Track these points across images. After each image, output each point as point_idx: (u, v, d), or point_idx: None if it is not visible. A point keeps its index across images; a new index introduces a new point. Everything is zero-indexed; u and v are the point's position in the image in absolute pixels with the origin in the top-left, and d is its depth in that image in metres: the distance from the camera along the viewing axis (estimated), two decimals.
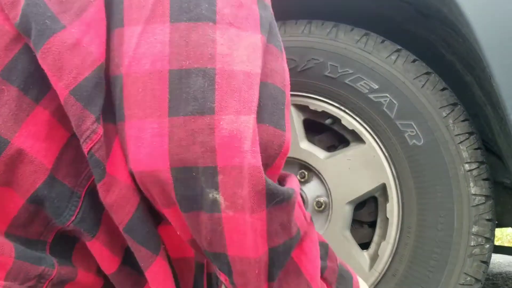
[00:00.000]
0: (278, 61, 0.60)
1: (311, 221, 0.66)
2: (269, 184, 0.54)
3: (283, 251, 0.59)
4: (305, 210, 0.65)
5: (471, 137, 1.14)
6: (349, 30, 1.23)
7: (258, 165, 0.53)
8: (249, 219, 0.54)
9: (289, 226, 0.59)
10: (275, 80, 0.59)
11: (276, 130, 0.56)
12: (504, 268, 2.69)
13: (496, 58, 0.96)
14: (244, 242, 0.55)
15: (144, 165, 0.53)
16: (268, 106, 0.57)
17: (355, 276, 0.75)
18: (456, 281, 1.13)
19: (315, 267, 0.65)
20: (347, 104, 1.23)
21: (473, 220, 1.12)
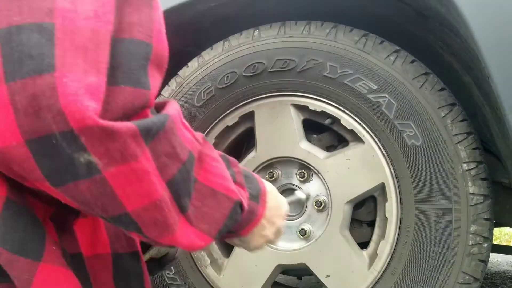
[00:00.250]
0: (143, 11, 0.53)
1: (204, 140, 0.63)
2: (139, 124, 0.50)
3: (182, 179, 0.56)
4: (194, 131, 0.61)
5: (470, 137, 1.15)
6: (348, 30, 1.24)
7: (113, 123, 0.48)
8: (135, 165, 0.50)
9: (176, 153, 0.55)
10: (134, 34, 0.52)
11: (135, 90, 0.50)
12: (503, 267, 2.69)
13: (494, 59, 0.97)
14: (140, 191, 0.52)
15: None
16: (123, 65, 0.50)
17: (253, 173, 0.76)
18: (454, 280, 1.14)
19: (226, 179, 0.64)
20: (346, 104, 1.23)
21: (471, 219, 1.13)
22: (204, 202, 0.60)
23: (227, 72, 1.32)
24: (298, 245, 1.31)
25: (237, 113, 1.34)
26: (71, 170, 0.48)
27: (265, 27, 1.31)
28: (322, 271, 1.27)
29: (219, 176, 0.63)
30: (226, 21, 1.39)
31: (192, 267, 1.38)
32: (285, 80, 1.28)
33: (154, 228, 0.55)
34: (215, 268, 1.38)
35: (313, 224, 1.30)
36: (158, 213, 0.54)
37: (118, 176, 0.49)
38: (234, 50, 1.31)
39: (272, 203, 0.76)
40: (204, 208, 0.60)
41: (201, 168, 0.61)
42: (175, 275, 1.39)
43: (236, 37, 1.33)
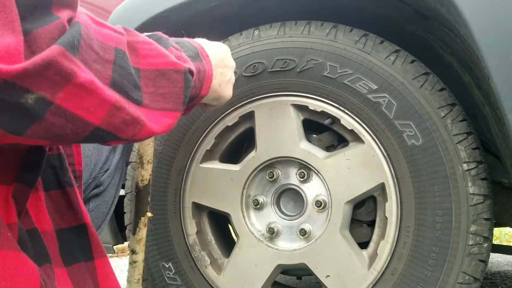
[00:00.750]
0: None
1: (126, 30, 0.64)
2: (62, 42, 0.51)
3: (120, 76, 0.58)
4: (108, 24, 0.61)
5: (470, 137, 1.15)
6: (348, 30, 1.24)
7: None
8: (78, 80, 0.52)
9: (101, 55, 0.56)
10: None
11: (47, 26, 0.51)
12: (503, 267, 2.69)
13: (494, 59, 0.97)
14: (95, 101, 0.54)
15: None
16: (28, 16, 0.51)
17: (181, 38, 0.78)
18: (454, 280, 1.14)
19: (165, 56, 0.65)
20: (346, 104, 1.23)
21: (471, 219, 1.13)
22: (157, 85, 0.63)
23: None
24: (298, 245, 1.31)
25: (237, 113, 1.34)
26: (26, 115, 0.49)
27: (265, 27, 1.31)
28: (322, 271, 1.27)
29: (158, 55, 0.64)
30: (226, 21, 1.39)
31: (192, 267, 1.38)
32: (285, 80, 1.28)
33: (127, 127, 0.58)
34: (215, 268, 1.38)
35: (313, 224, 1.30)
36: (123, 113, 0.57)
37: (69, 98, 0.51)
38: (234, 50, 1.31)
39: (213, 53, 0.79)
40: (160, 90, 0.63)
41: (137, 56, 0.62)
42: (175, 275, 1.39)
43: (236, 37, 1.33)
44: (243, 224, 1.35)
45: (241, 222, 1.35)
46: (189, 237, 1.39)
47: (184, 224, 1.39)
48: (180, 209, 1.39)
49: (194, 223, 1.39)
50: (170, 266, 1.40)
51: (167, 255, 1.40)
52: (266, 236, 1.34)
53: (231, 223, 1.38)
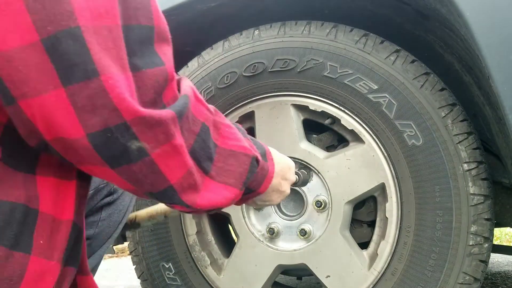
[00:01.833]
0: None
1: (216, 111, 0.74)
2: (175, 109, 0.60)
3: (200, 147, 0.67)
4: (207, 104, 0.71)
5: (470, 137, 1.15)
6: (348, 30, 1.23)
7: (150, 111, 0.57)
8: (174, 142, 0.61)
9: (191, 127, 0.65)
10: (140, 19, 0.58)
11: (154, 70, 0.59)
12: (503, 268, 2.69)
13: (495, 59, 0.97)
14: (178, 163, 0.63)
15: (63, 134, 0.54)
16: (137, 51, 0.58)
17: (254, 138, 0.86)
18: (455, 280, 1.14)
19: (241, 141, 0.75)
20: (346, 104, 1.23)
21: (472, 219, 1.13)
22: (226, 162, 0.72)
23: (227, 72, 1.32)
24: (298, 245, 1.30)
25: (237, 113, 1.34)
26: (125, 156, 0.57)
27: (265, 27, 1.31)
28: (322, 271, 1.27)
29: (235, 139, 0.74)
30: (226, 21, 1.39)
31: (192, 267, 1.38)
32: (285, 80, 1.28)
33: (189, 189, 0.66)
34: (215, 269, 1.38)
35: (313, 224, 1.30)
36: (192, 178, 0.66)
37: (162, 155, 0.60)
38: (234, 50, 1.31)
39: (280, 161, 0.88)
40: (227, 167, 0.72)
41: (218, 135, 0.72)
42: (175, 276, 1.39)
43: (236, 37, 1.33)
44: (243, 224, 1.35)
45: (241, 222, 1.35)
46: (189, 237, 1.39)
47: (184, 224, 1.39)
48: None
49: (194, 223, 1.39)
50: (170, 266, 1.40)
51: (167, 256, 1.40)
52: (266, 236, 1.34)
53: (231, 223, 1.38)
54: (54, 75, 0.52)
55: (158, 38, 0.61)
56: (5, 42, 0.51)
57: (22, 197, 0.59)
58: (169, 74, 0.61)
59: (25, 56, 0.51)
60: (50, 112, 0.53)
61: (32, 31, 0.51)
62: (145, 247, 1.41)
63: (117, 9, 0.55)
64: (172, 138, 0.60)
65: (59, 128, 0.54)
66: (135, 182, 0.61)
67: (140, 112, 0.55)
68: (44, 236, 0.61)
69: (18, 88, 0.52)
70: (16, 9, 0.50)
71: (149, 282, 1.42)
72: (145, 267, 1.42)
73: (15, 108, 0.54)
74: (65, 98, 0.52)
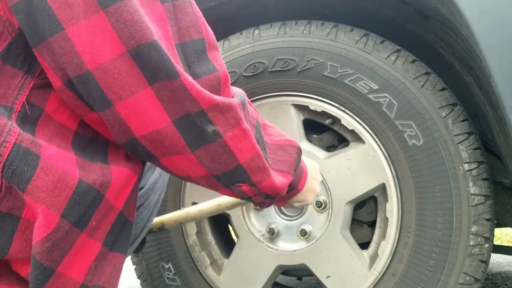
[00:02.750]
0: (188, 11, 0.69)
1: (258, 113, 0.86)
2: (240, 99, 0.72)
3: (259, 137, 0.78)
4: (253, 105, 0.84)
5: (471, 137, 1.15)
6: (348, 30, 1.23)
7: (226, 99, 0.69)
8: (243, 126, 0.71)
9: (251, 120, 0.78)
10: (192, 34, 0.69)
11: (210, 76, 0.69)
12: (504, 268, 2.69)
13: (495, 58, 0.97)
14: (247, 145, 0.73)
15: (152, 127, 0.66)
16: (195, 63, 0.69)
17: None
18: (455, 281, 1.13)
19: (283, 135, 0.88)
20: (346, 104, 1.23)
21: (472, 219, 1.12)
22: (277, 155, 0.83)
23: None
24: (299, 245, 1.30)
25: None
26: (203, 138, 0.68)
27: (265, 27, 1.31)
28: (322, 271, 1.27)
29: (279, 135, 0.86)
30: (226, 21, 1.39)
31: (192, 267, 1.38)
32: (286, 80, 1.27)
33: (258, 173, 0.75)
34: (215, 269, 1.38)
35: (313, 225, 1.30)
36: (260, 160, 0.75)
37: (233, 137, 0.70)
38: (234, 50, 1.31)
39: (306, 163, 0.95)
40: (279, 158, 0.83)
41: (265, 133, 0.83)
42: (175, 276, 1.39)
43: (236, 36, 1.33)
44: (243, 224, 1.34)
45: (241, 223, 1.35)
46: (189, 237, 1.39)
47: (184, 224, 1.39)
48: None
49: (194, 223, 1.39)
50: (170, 266, 1.39)
51: (167, 256, 1.39)
52: (266, 236, 1.33)
53: (231, 224, 1.38)
54: (142, 78, 0.63)
55: (209, 47, 0.71)
56: (101, 56, 0.61)
57: (98, 181, 0.67)
58: (222, 78, 0.71)
59: (118, 65, 0.62)
60: (141, 108, 0.64)
61: (120, 45, 0.61)
62: (145, 247, 1.41)
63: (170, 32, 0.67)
64: (241, 123, 0.71)
65: (149, 121, 0.65)
66: (210, 162, 0.71)
67: (215, 99, 0.67)
68: (98, 218, 0.68)
69: (115, 93, 0.63)
70: (103, 28, 0.61)
71: (149, 282, 1.42)
72: (145, 267, 1.42)
73: (111, 111, 0.64)
74: (152, 94, 0.64)
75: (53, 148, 0.65)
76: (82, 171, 0.66)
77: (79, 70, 0.62)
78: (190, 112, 0.66)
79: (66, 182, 0.64)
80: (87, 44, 0.61)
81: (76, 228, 0.65)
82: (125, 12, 0.61)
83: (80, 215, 0.65)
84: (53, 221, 0.63)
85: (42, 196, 0.62)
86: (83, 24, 0.61)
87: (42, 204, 0.62)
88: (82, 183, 0.65)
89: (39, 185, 0.62)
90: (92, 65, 0.61)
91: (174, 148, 0.68)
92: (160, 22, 0.66)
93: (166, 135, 0.67)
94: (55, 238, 0.63)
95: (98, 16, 0.61)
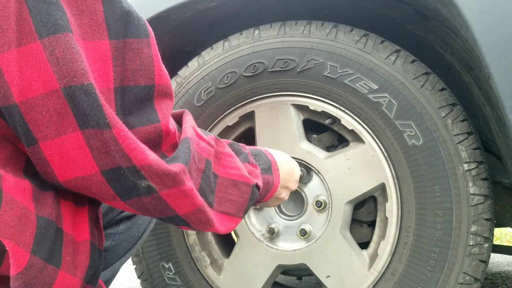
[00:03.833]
0: (142, 52, 0.62)
1: (216, 141, 0.78)
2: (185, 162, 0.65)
3: (205, 183, 0.72)
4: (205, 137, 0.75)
5: (470, 137, 1.15)
6: (348, 30, 1.23)
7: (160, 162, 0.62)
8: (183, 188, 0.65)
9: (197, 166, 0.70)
10: (138, 80, 0.62)
11: (148, 127, 0.63)
12: (503, 268, 2.69)
13: (495, 59, 0.97)
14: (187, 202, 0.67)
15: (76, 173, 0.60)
16: (133, 112, 0.62)
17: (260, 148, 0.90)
18: (455, 280, 1.14)
19: (241, 169, 0.79)
20: (346, 104, 1.23)
21: (472, 219, 1.12)
22: (227, 192, 0.76)
23: (227, 72, 1.32)
24: (298, 245, 1.30)
25: (237, 113, 1.34)
26: (135, 190, 0.62)
27: (265, 27, 1.31)
28: (322, 271, 1.27)
29: (235, 168, 0.78)
30: (226, 21, 1.39)
31: (192, 267, 1.38)
32: (285, 80, 1.28)
33: (199, 224, 0.71)
34: (215, 269, 1.38)
35: (313, 224, 1.30)
36: (202, 215, 0.70)
37: (170, 195, 0.65)
38: (234, 50, 1.31)
39: (284, 170, 0.91)
40: (229, 197, 0.76)
41: (219, 165, 0.76)
42: (175, 276, 1.39)
43: (236, 37, 1.33)
44: (243, 224, 1.35)
45: (241, 222, 1.35)
46: (189, 237, 1.39)
47: None
48: None
49: None
50: (170, 266, 1.39)
51: (167, 255, 1.40)
52: (266, 236, 1.33)
53: None
54: (72, 119, 0.57)
55: (158, 94, 0.65)
56: (31, 90, 0.56)
57: (53, 214, 0.63)
58: (163, 130, 0.65)
59: (48, 102, 0.56)
60: (67, 151, 0.58)
61: (53, 80, 0.56)
62: (145, 247, 1.41)
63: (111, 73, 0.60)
64: (181, 185, 0.64)
65: (75, 166, 0.59)
66: (145, 211, 0.67)
67: (149, 160, 0.60)
68: (70, 253, 0.64)
69: (40, 131, 0.58)
70: (38, 60, 0.55)
71: (149, 282, 1.42)
72: (145, 267, 1.42)
73: (35, 149, 0.59)
74: (81, 139, 0.58)
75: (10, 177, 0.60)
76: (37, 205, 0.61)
77: (6, 101, 0.57)
78: (122, 166, 0.60)
79: (27, 216, 0.59)
80: (17, 74, 0.56)
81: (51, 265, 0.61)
82: (57, 48, 0.55)
83: (50, 250, 0.61)
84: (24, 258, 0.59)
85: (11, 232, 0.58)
86: (14, 52, 0.56)
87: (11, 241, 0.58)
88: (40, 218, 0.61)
89: (7, 220, 0.58)
90: (20, 98, 0.56)
91: (103, 196, 0.63)
92: (101, 61, 0.60)
93: (93, 183, 0.61)
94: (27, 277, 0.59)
95: (34, 46, 0.56)
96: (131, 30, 0.62)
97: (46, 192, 0.63)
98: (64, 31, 0.56)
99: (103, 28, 0.60)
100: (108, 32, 0.60)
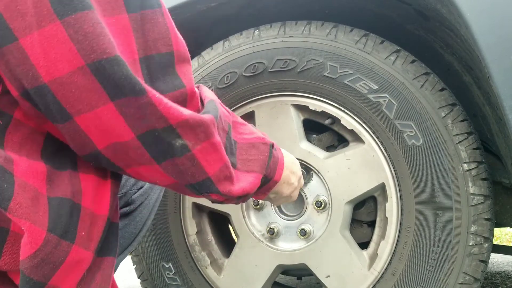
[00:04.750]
0: (158, 22, 0.65)
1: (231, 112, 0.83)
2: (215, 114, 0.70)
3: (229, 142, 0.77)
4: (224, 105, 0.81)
5: (470, 137, 1.15)
6: (348, 30, 1.23)
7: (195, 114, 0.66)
8: (213, 140, 0.69)
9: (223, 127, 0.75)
10: (159, 48, 0.65)
11: (175, 92, 0.66)
12: (503, 268, 2.69)
13: (495, 59, 0.97)
14: (216, 157, 0.70)
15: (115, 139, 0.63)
16: (159, 79, 0.66)
17: None
18: (455, 280, 1.14)
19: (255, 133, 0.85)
20: (346, 104, 1.23)
21: (472, 219, 1.13)
22: (248, 154, 0.82)
23: (227, 72, 1.32)
24: (298, 245, 1.30)
25: (237, 113, 1.34)
26: (170, 151, 0.66)
27: (265, 27, 1.31)
28: (322, 271, 1.27)
29: (250, 133, 0.85)
30: (226, 21, 1.39)
31: (192, 267, 1.38)
32: (285, 80, 1.28)
33: (225, 182, 0.74)
34: (215, 268, 1.38)
35: (313, 224, 1.30)
36: (227, 171, 0.74)
37: (202, 151, 0.68)
38: (234, 50, 1.31)
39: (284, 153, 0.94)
40: (251, 157, 0.82)
41: (237, 133, 0.82)
42: (175, 275, 1.39)
43: (236, 37, 1.33)
44: (243, 224, 1.35)
45: (241, 222, 1.35)
46: (189, 237, 1.39)
47: (184, 224, 1.39)
48: (180, 209, 1.39)
49: (194, 223, 1.39)
50: (170, 266, 1.40)
51: (167, 255, 1.40)
52: (266, 236, 1.34)
53: (231, 223, 1.38)
54: (103, 93, 0.59)
55: (178, 60, 0.68)
56: (57, 69, 0.58)
57: (68, 192, 0.65)
58: (189, 94, 0.69)
59: (75, 79, 0.58)
60: (102, 122, 0.61)
61: (78, 58, 0.57)
62: (145, 247, 1.41)
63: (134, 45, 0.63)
64: (211, 137, 0.68)
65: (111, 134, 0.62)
66: (178, 174, 0.69)
67: (184, 115, 0.64)
68: (85, 228, 0.66)
69: (73, 107, 0.60)
70: (60, 39, 0.57)
71: (149, 282, 1.42)
72: (145, 267, 1.42)
73: (71, 124, 0.61)
74: (114, 110, 0.60)
75: (23, 161, 0.62)
76: (50, 186, 0.64)
77: (35, 82, 0.59)
78: (157, 128, 0.63)
79: (38, 199, 0.62)
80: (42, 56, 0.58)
81: (65, 240, 0.63)
82: (86, 24, 0.57)
83: (65, 226, 0.63)
84: (40, 236, 0.61)
85: (26, 212, 0.60)
86: (36, 34, 0.57)
87: (27, 220, 0.60)
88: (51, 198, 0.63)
89: (21, 201, 0.60)
90: (48, 78, 0.58)
91: (139, 160, 0.66)
92: (123, 34, 0.62)
93: (130, 147, 0.64)
94: (43, 254, 0.61)
95: (54, 26, 0.57)
96: (145, 2, 0.64)
97: (63, 172, 0.66)
98: (90, 8, 0.58)
99: (120, 3, 0.62)
100: (126, 7, 0.63)
